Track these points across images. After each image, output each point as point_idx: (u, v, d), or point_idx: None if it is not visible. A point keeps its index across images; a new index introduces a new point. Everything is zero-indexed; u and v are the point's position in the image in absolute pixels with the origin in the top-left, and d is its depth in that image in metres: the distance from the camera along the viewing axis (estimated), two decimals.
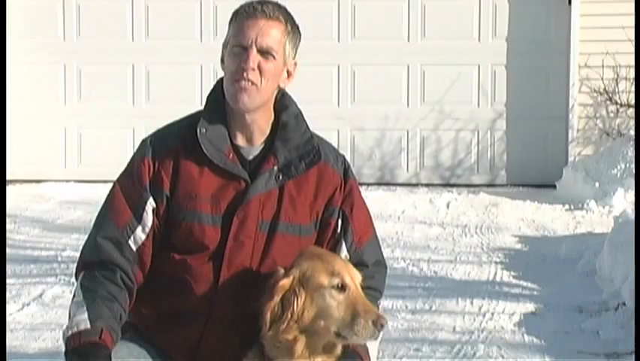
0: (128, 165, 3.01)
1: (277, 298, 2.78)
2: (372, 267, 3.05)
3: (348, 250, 3.02)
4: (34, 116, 10.02)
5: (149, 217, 2.92)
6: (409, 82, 9.88)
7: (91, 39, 9.99)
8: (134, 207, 2.93)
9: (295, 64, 3.02)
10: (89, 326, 2.75)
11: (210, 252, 2.92)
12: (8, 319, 5.49)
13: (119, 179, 3.00)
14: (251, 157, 2.97)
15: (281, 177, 2.95)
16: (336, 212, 3.03)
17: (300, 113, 3.04)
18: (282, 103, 3.04)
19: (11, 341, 5.11)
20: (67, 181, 9.87)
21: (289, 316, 2.76)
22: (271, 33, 2.91)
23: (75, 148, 10.10)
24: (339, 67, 9.77)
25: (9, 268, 6.45)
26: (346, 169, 3.08)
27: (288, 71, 3.00)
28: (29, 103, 10.00)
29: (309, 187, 2.99)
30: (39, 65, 10.01)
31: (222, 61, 3.00)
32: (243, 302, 2.92)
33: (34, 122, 10.02)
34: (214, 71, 9.68)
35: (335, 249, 3.01)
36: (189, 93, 9.68)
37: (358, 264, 3.01)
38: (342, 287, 2.78)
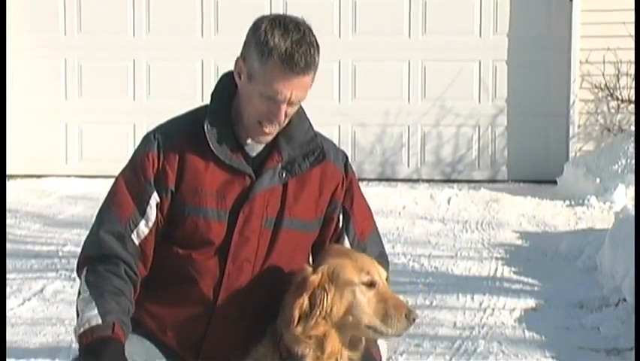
0: (132, 159, 3.00)
1: (306, 295, 2.80)
2: (376, 259, 3.05)
3: (351, 244, 3.04)
4: (35, 112, 10.02)
5: (152, 212, 2.92)
6: (409, 77, 9.88)
7: (92, 34, 9.99)
8: (137, 201, 2.92)
9: None
10: (100, 321, 2.76)
11: (215, 247, 2.93)
12: (9, 314, 5.50)
13: (122, 173, 2.99)
14: (254, 154, 2.98)
15: (284, 175, 2.96)
16: (338, 207, 3.04)
17: (303, 110, 3.04)
18: None
19: (12, 335, 5.12)
20: (68, 176, 9.87)
21: (318, 312, 2.79)
22: (305, 86, 2.88)
23: (76, 143, 10.10)
24: (340, 62, 9.77)
25: (10, 263, 6.46)
26: (346, 164, 3.10)
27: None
28: (30, 98, 10.00)
29: (312, 184, 3.00)
30: (40, 60, 10.01)
31: (239, 75, 2.92)
32: (247, 297, 2.93)
33: (35, 117, 10.02)
34: (215, 67, 9.69)
35: (338, 243, 3.03)
36: (190, 89, 9.68)
37: None
38: (371, 284, 2.83)
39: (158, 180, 2.93)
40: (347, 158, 3.12)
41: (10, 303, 5.71)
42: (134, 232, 2.91)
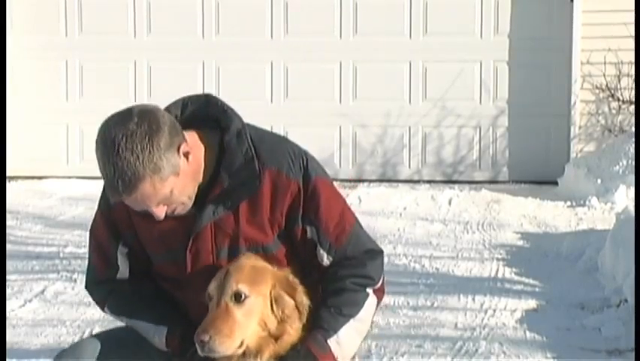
0: (95, 214, 3.10)
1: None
2: (362, 256, 2.97)
3: (328, 253, 2.94)
4: (36, 113, 10.03)
5: (125, 261, 3.03)
6: (410, 78, 9.88)
7: (93, 35, 9.99)
8: (106, 259, 3.05)
9: (184, 142, 2.81)
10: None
11: (179, 281, 2.97)
12: (10, 315, 5.50)
13: (91, 229, 3.10)
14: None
15: (229, 204, 2.87)
16: (298, 220, 2.91)
17: (243, 126, 2.91)
18: (224, 123, 2.91)
19: (13, 337, 5.12)
20: (69, 178, 9.87)
21: None
22: (151, 192, 2.74)
23: (77, 144, 10.10)
24: (340, 63, 9.75)
25: (11, 265, 6.46)
26: (305, 170, 2.91)
27: (184, 155, 2.80)
28: (31, 99, 10.01)
29: (263, 203, 2.88)
30: (41, 62, 10.01)
31: None
32: None
33: (36, 118, 10.02)
34: (216, 68, 9.70)
35: (315, 255, 2.95)
36: (191, 90, 9.58)
37: (344, 260, 2.94)
38: (210, 298, 2.82)
39: (117, 233, 3.01)
40: (307, 163, 2.92)
41: (11, 304, 5.71)
42: (118, 274, 3.06)
